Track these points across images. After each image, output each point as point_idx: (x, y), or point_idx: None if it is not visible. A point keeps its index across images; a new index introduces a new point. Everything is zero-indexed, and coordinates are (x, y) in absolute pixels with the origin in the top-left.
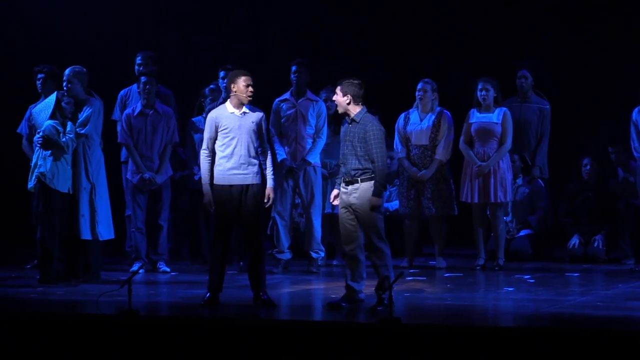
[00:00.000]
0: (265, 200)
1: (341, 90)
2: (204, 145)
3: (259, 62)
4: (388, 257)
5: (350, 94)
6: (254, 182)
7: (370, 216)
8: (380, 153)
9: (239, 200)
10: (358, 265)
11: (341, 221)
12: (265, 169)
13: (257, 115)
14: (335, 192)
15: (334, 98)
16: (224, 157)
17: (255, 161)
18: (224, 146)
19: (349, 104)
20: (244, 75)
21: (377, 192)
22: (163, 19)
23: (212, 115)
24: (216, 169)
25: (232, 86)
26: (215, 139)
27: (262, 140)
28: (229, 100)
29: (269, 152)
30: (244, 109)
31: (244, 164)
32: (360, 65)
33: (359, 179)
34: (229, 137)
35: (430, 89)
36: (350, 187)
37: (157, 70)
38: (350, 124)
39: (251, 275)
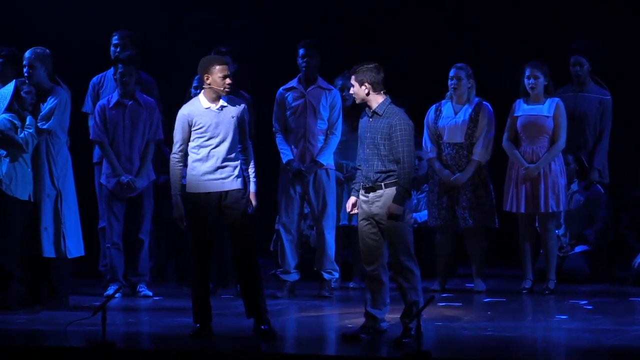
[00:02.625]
0: (249, 209)
1: (356, 79)
2: (175, 149)
3: (261, 43)
4: (417, 278)
5: (368, 81)
6: (234, 186)
7: (397, 229)
8: (407, 152)
9: (217, 210)
10: (380, 289)
11: (361, 235)
12: (246, 169)
13: (238, 108)
14: (352, 199)
15: (351, 92)
16: (198, 160)
17: (235, 162)
18: (198, 147)
19: (368, 94)
20: (219, 64)
21: (400, 198)
22: None
23: (184, 112)
24: (189, 174)
25: (206, 77)
26: (189, 140)
27: (244, 135)
28: (202, 93)
29: (250, 148)
30: (222, 102)
31: (221, 167)
32: (381, 47)
33: (382, 184)
34: (204, 138)
35: (466, 76)
36: (371, 195)
37: (137, 53)
38: (371, 117)
39: (246, 301)
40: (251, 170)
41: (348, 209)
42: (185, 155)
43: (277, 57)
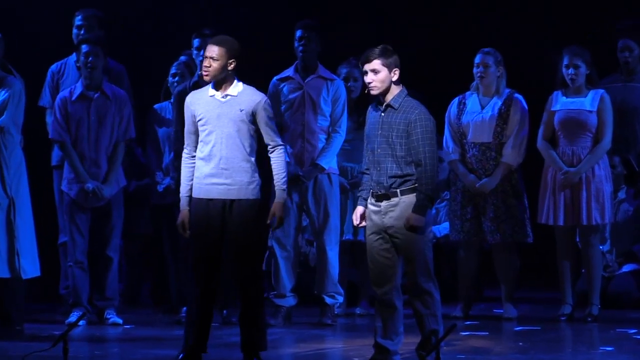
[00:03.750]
0: (269, 221)
1: (384, 63)
2: (186, 143)
3: (252, 24)
4: (437, 303)
5: (397, 67)
6: (242, 196)
7: (415, 244)
8: (429, 152)
9: (221, 222)
10: (393, 315)
11: (370, 252)
12: (275, 175)
13: (252, 99)
14: (360, 210)
15: (373, 78)
16: (201, 158)
17: (248, 166)
18: (202, 144)
19: (394, 82)
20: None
21: (421, 207)
22: None
23: (187, 100)
24: (194, 175)
25: None
26: (197, 132)
27: (270, 133)
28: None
29: (281, 151)
30: (231, 90)
31: (226, 169)
32: (392, 30)
33: (397, 190)
34: (205, 131)
35: (494, 63)
36: (384, 204)
37: (105, 36)
38: (384, 111)
39: (243, 330)
40: (279, 177)
41: (356, 222)
42: (195, 150)
43: (271, 41)
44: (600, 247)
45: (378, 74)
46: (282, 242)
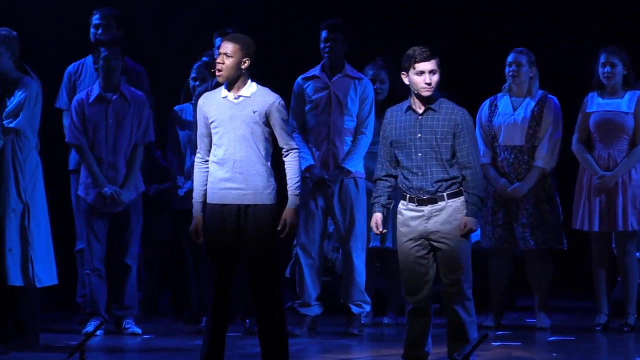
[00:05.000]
0: (279, 228)
1: (438, 63)
2: (198, 147)
3: (274, 23)
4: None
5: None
6: (258, 201)
7: (462, 249)
8: (477, 154)
9: (236, 228)
10: (426, 325)
11: (406, 260)
12: (288, 180)
13: (266, 100)
14: (379, 217)
15: (432, 79)
16: (214, 162)
17: (263, 170)
18: (215, 147)
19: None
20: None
21: (475, 210)
22: None
23: (200, 102)
24: (208, 180)
25: None
26: (210, 136)
27: (284, 136)
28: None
29: (295, 154)
30: (243, 90)
31: (240, 173)
32: (419, 28)
33: (444, 194)
34: (218, 134)
35: (527, 62)
36: (428, 208)
37: (123, 37)
38: (422, 114)
39: (262, 342)
40: (293, 181)
41: (377, 229)
42: (208, 154)
43: (296, 41)
44: (637, 255)
45: (435, 75)
46: (307, 248)
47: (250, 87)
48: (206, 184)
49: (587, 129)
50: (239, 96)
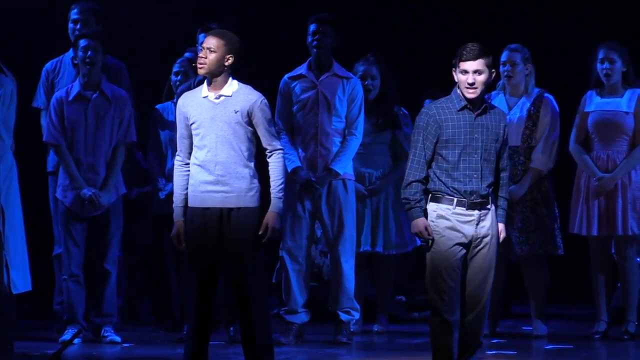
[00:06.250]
0: (261, 232)
1: (487, 63)
2: (178, 148)
3: (260, 18)
4: None
5: (493, 68)
6: (241, 204)
7: (494, 256)
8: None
9: (218, 232)
10: (454, 337)
11: (450, 267)
12: (272, 182)
13: (248, 99)
14: (424, 222)
15: (476, 80)
16: (196, 164)
17: (246, 172)
18: (196, 149)
19: None
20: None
21: (505, 215)
22: None
23: (180, 102)
24: (189, 183)
25: None
26: (190, 137)
27: (267, 137)
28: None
29: (279, 155)
30: (225, 89)
31: (223, 176)
32: (413, 25)
33: (490, 197)
34: (199, 135)
35: (522, 60)
36: (477, 212)
37: (103, 31)
38: (480, 114)
39: (246, 351)
40: (276, 183)
41: (428, 235)
42: (190, 157)
43: (282, 36)
44: (638, 260)
45: (481, 75)
46: (293, 253)
47: (232, 86)
48: (187, 188)
49: (585, 129)
50: (220, 95)
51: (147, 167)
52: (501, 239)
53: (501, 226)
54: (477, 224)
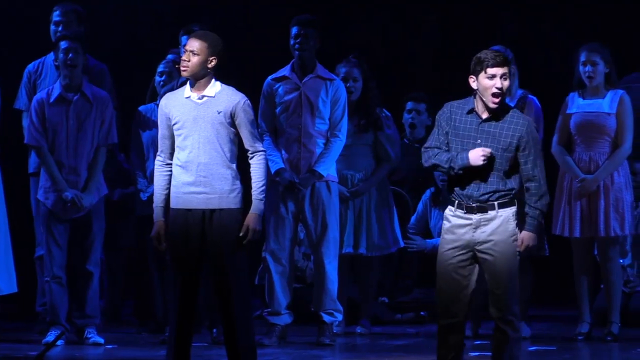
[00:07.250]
0: (242, 234)
1: (511, 71)
2: (159, 149)
3: (244, 20)
4: None
5: None
6: (224, 205)
7: (510, 262)
8: (542, 167)
9: (200, 233)
10: (460, 345)
11: (445, 270)
12: (253, 183)
13: (231, 100)
14: (476, 150)
15: (504, 85)
16: (178, 165)
17: (228, 173)
18: (178, 150)
19: None
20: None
21: (536, 225)
22: None
23: (162, 102)
24: (171, 184)
25: None
26: (172, 137)
27: (249, 138)
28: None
29: (261, 157)
30: (207, 90)
31: (205, 177)
32: (396, 26)
33: (495, 203)
34: (182, 136)
35: None
36: (477, 216)
37: (85, 33)
38: (484, 120)
39: (229, 352)
40: (257, 185)
41: (480, 153)
42: (171, 157)
43: (265, 38)
44: (621, 261)
45: (507, 80)
46: (276, 255)
47: (215, 87)
48: (167, 188)
49: (567, 131)
50: (203, 96)
51: (129, 169)
52: (521, 248)
53: (524, 234)
54: (476, 229)
